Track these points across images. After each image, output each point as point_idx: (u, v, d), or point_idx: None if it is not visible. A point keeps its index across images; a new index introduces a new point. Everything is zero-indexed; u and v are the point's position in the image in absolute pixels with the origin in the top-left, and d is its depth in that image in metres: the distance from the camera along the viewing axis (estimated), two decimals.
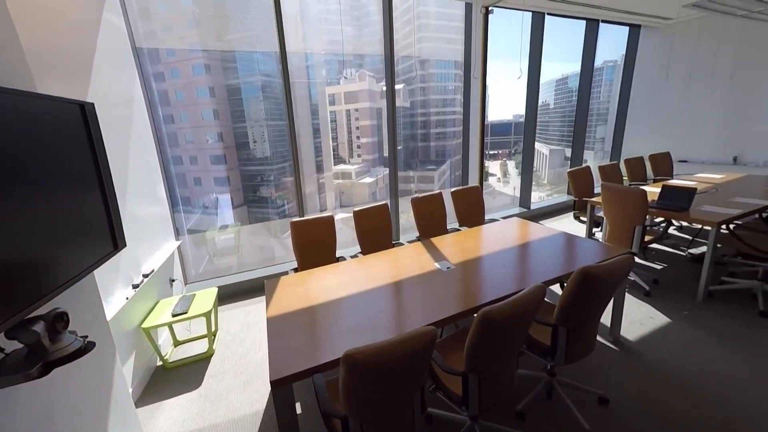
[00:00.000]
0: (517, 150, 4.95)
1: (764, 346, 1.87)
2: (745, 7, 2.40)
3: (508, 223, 2.57)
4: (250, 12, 6.42)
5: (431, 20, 6.58)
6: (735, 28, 3.91)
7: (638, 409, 1.54)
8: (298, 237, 2.17)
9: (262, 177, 5.19)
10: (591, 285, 1.26)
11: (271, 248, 4.12)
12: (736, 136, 4.25)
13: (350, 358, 0.89)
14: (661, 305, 2.33)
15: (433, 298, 1.55)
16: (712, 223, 2.21)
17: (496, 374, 1.21)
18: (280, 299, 1.64)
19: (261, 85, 5.73)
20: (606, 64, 5.70)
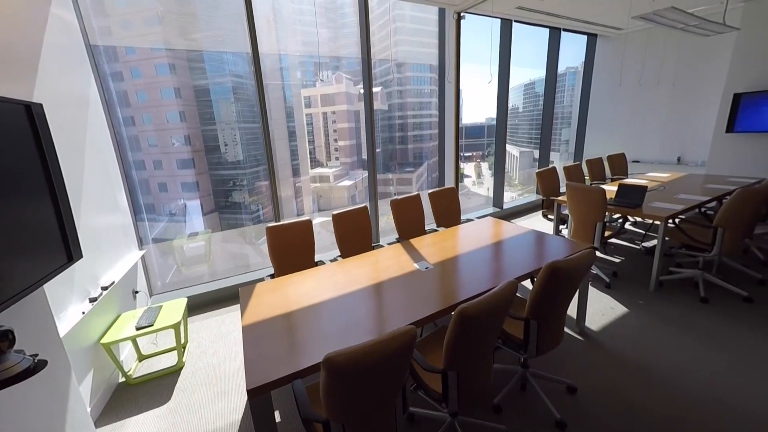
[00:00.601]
0: (490, 152, 5.17)
1: (703, 331, 2.08)
2: (683, 21, 2.71)
3: (482, 222, 2.68)
4: (218, 10, 6.22)
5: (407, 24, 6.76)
6: (675, 39, 4.36)
7: (602, 395, 1.66)
8: (274, 242, 2.12)
9: (234, 181, 5.01)
10: (558, 278, 1.35)
11: (245, 255, 3.98)
12: (679, 138, 4.72)
13: (331, 361, 0.89)
14: (620, 296, 2.53)
15: (413, 299, 1.58)
16: (660, 218, 2.44)
17: (474, 370, 1.26)
18: (256, 306, 1.60)
19: (232, 87, 5.54)
20: (568, 70, 6.13)
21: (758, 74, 3.61)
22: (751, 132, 3.72)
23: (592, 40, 5.37)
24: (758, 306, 2.27)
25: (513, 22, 4.24)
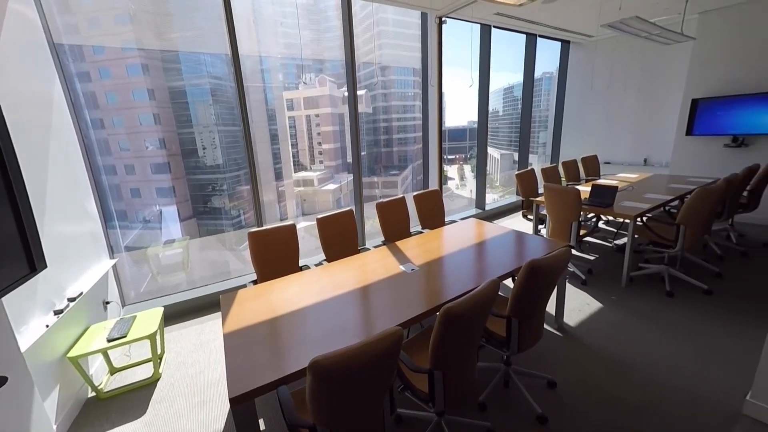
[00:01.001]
0: (473, 154, 5.31)
1: (669, 323, 2.22)
2: (646, 30, 2.93)
3: (465, 223, 2.74)
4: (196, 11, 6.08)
5: (390, 27, 6.85)
6: (640, 47, 4.65)
7: (580, 388, 1.73)
8: (256, 248, 2.08)
9: (213, 186, 4.86)
10: (537, 276, 1.40)
11: (225, 262, 3.87)
12: (645, 140, 5.04)
13: (317, 365, 0.89)
14: (595, 292, 2.65)
15: (399, 300, 1.60)
16: (630, 217, 2.59)
17: (459, 369, 1.28)
18: (239, 313, 1.56)
19: (210, 89, 5.40)
20: (544, 75, 6.41)
21: (713, 81, 3.93)
22: (707, 135, 4.05)
23: (566, 47, 5.64)
24: (716, 298, 2.46)
25: (492, 28, 4.39)
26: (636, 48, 4.71)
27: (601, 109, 5.41)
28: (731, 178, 2.69)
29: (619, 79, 5.08)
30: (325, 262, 2.22)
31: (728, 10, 3.70)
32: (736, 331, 2.07)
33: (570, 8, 3.55)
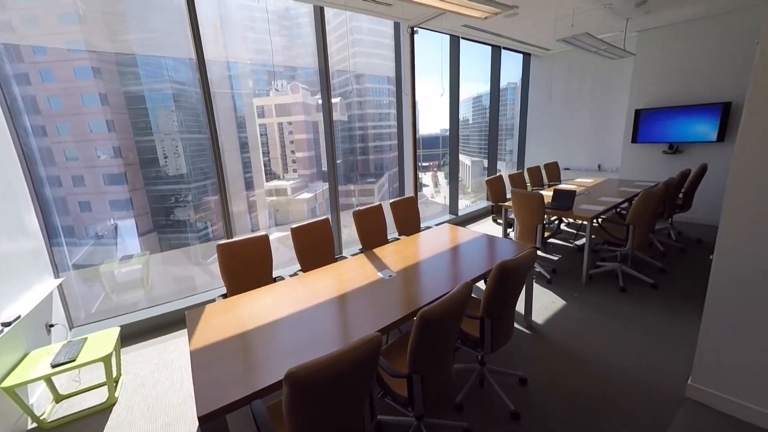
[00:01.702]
0: (446, 161, 5.52)
1: (624, 316, 2.45)
2: (595, 45, 3.30)
3: (440, 229, 2.85)
4: (154, 12, 5.83)
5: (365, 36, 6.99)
6: (592, 61, 5.14)
7: (548, 383, 1.86)
8: (226, 260, 2.02)
9: (177, 197, 4.58)
10: (507, 277, 1.50)
11: (190, 276, 3.66)
12: (598, 148, 5.57)
13: (294, 376, 0.88)
14: (559, 290, 2.87)
15: (378, 307, 1.63)
16: (587, 219, 2.85)
17: (437, 371, 1.33)
18: (207, 329, 1.51)
19: (173, 94, 5.15)
20: (509, 85, 6.86)
21: (651, 93, 4.46)
22: (649, 143, 4.57)
23: (527, 59, 6.08)
24: (662, 291, 2.75)
25: (461, 39, 4.63)
26: (588, 62, 5.21)
27: (560, 118, 5.89)
28: (669, 182, 3.07)
29: (574, 90, 5.58)
30: (301, 272, 2.20)
31: (662, 29, 4.23)
32: (679, 321, 2.33)
33: (529, 23, 3.88)
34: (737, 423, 1.53)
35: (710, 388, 1.63)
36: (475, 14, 2.25)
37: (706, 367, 1.64)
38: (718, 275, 1.54)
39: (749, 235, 1.43)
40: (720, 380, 1.61)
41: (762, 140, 1.36)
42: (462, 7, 2.11)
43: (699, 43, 4.00)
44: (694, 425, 1.54)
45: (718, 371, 1.61)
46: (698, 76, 4.06)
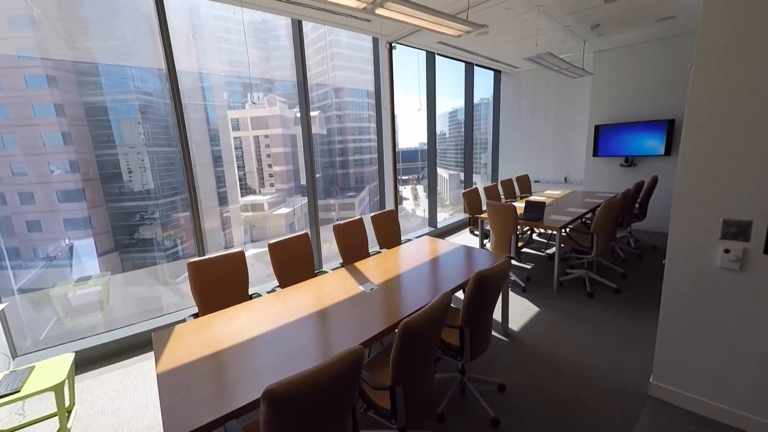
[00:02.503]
0: (424, 175, 5.72)
1: (592, 320, 2.64)
2: (557, 64, 3.66)
3: (420, 241, 2.94)
4: (120, 20, 5.69)
5: (343, 50, 7.18)
6: (556, 79, 5.58)
7: (526, 388, 1.95)
8: (198, 279, 1.97)
9: (142, 215, 4.34)
10: (484, 286, 1.59)
11: (156, 297, 3.46)
12: (564, 161, 6.03)
13: (272, 393, 0.88)
14: (533, 298, 3.04)
15: (360, 320, 1.65)
16: (556, 228, 3.08)
17: (419, 381, 1.38)
18: (176, 350, 1.46)
19: (139, 105, 4.98)
20: (483, 101, 7.28)
21: (608, 110, 4.92)
22: (608, 156, 5.04)
23: (498, 76, 6.49)
24: (624, 295, 2.99)
25: (436, 55, 4.89)
26: (552, 80, 5.67)
27: (529, 132, 6.33)
28: (626, 193, 3.40)
29: (541, 106, 6.04)
30: (279, 288, 2.18)
31: (615, 51, 4.74)
32: (640, 323, 2.54)
33: (498, 41, 4.20)
34: (696, 418, 1.67)
35: (670, 385, 1.78)
36: (449, 32, 2.44)
37: (665, 365, 1.79)
38: (670, 278, 1.71)
39: (694, 241, 1.61)
40: (678, 378, 1.75)
41: (698, 154, 1.55)
42: (437, 25, 2.29)
43: (647, 64, 4.52)
44: (658, 422, 1.68)
45: (675, 369, 1.76)
46: (647, 95, 4.56)
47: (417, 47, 4.42)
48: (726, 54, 1.44)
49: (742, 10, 1.38)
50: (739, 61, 1.41)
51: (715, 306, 1.60)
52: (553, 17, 3.36)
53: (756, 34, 1.37)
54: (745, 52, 1.40)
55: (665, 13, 3.40)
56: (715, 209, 1.53)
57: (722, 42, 1.44)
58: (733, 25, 1.41)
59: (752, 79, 1.39)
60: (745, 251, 1.48)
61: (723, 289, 1.57)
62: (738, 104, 1.43)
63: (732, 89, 1.44)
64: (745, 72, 1.40)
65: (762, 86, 1.37)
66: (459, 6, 2.77)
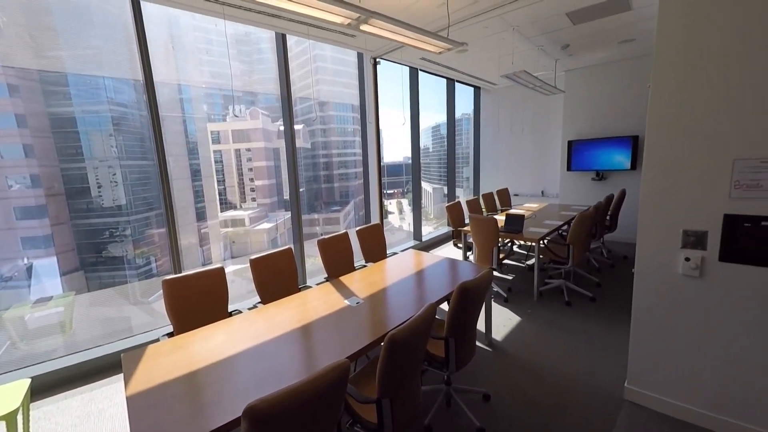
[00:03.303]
0: (409, 189, 5.85)
1: (570, 328, 2.76)
2: (532, 82, 3.95)
3: (405, 255, 3.00)
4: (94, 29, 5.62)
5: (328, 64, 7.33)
6: (531, 96, 5.88)
7: (510, 397, 2.01)
8: (173, 297, 1.93)
9: (112, 231, 4.14)
10: (467, 297, 1.65)
11: (125, 318, 3.29)
12: (541, 175, 6.35)
13: (253, 410, 0.88)
14: (515, 308, 3.15)
15: (344, 334, 1.67)
16: (535, 240, 3.24)
17: (405, 394, 1.40)
18: (148, 371, 1.42)
19: (112, 117, 4.85)
20: (464, 116, 7.59)
21: (579, 126, 5.29)
22: (580, 170, 5.39)
23: (477, 92, 6.80)
24: (599, 303, 3.16)
25: (419, 71, 5.10)
26: (528, 96, 5.97)
27: (507, 147, 6.64)
28: (597, 206, 3.65)
29: (518, 122, 6.36)
30: (261, 304, 2.16)
31: (584, 70, 5.13)
32: (615, 329, 2.68)
33: (477, 59, 4.47)
34: (669, 420, 1.77)
35: (644, 389, 1.88)
36: (430, 49, 2.61)
37: (638, 370, 1.89)
38: (639, 287, 1.83)
39: (658, 250, 1.75)
40: (651, 382, 1.86)
41: (658, 168, 1.70)
42: (419, 42, 2.45)
43: (612, 83, 4.92)
44: (633, 425, 1.76)
45: (648, 374, 1.86)
46: (613, 112, 4.95)
47: (401, 63, 4.60)
48: (680, 75, 1.61)
49: (693, 34, 1.55)
50: (692, 81, 1.58)
51: (680, 312, 1.72)
52: (526, 37, 3.63)
53: (706, 56, 1.54)
54: (697, 74, 1.57)
55: (626, 36, 3.77)
56: (676, 220, 1.67)
57: (676, 63, 1.61)
58: (685, 47, 1.58)
59: (704, 99, 1.56)
60: (703, 259, 1.62)
61: (686, 296, 1.70)
62: (692, 122, 1.59)
63: (686, 108, 1.60)
64: (697, 92, 1.57)
65: (713, 106, 1.54)
66: (440, 24, 2.97)
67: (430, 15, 2.94)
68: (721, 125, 1.53)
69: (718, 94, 1.53)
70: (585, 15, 3.08)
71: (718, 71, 1.52)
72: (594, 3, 2.83)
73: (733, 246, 1.55)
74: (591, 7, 2.90)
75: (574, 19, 3.18)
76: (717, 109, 1.53)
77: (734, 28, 1.46)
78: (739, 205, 1.52)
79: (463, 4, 2.75)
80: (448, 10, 2.74)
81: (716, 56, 1.52)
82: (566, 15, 3.08)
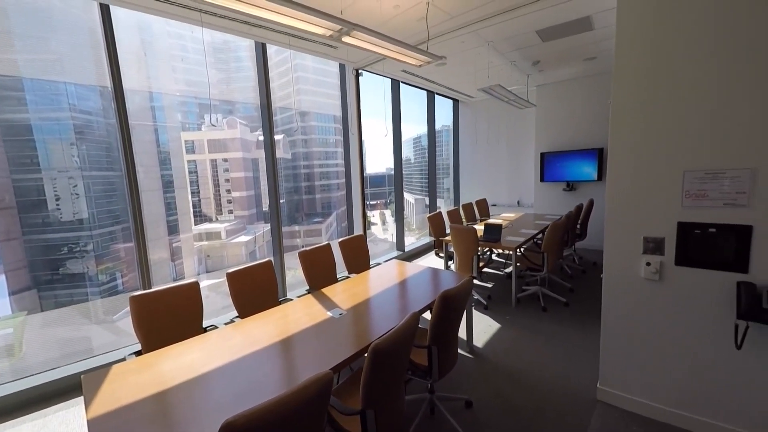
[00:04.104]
0: (392, 200, 5.93)
1: (546, 333, 2.88)
2: (506, 95, 4.19)
3: (388, 265, 3.03)
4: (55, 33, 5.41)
5: (310, 74, 7.35)
6: (506, 109, 6.17)
7: (492, 403, 2.06)
8: (141, 314, 1.85)
9: (71, 247, 3.85)
10: (449, 305, 1.70)
11: (85, 338, 3.05)
12: (517, 186, 6.64)
13: (232, 426, 0.86)
14: (495, 315, 3.26)
15: (327, 346, 1.66)
16: (512, 249, 3.38)
17: (389, 404, 1.41)
18: (113, 392, 1.35)
19: (74, 125, 4.61)
20: (444, 128, 7.84)
21: (551, 139, 5.61)
22: (552, 181, 5.72)
23: (456, 104, 7.04)
24: (572, 308, 3.33)
25: (400, 83, 5.26)
26: (503, 109, 6.27)
27: (485, 159, 6.91)
28: (569, 215, 3.89)
29: (495, 134, 6.65)
30: (238, 319, 2.10)
31: (554, 85, 5.48)
32: (587, 333, 2.82)
33: (455, 72, 4.67)
34: (638, 418, 1.87)
35: (614, 389, 1.98)
36: (411, 61, 2.73)
37: (609, 370, 2.00)
38: (607, 290, 1.95)
39: (623, 255, 1.87)
40: (620, 382, 1.97)
41: (620, 179, 1.85)
42: (400, 55, 2.57)
43: (579, 98, 5.30)
44: (606, 425, 1.86)
45: (618, 374, 1.97)
46: (581, 125, 5.32)
47: (383, 75, 4.72)
48: (636, 92, 1.76)
49: (646, 55, 1.72)
50: (647, 98, 1.74)
51: (644, 314, 1.86)
52: (501, 52, 3.87)
53: (658, 75, 1.70)
54: (650, 91, 1.73)
55: (589, 54, 4.11)
56: (638, 228, 1.81)
57: (632, 81, 1.77)
58: (640, 66, 1.74)
59: (657, 114, 1.72)
60: (661, 264, 1.76)
61: (648, 298, 1.83)
62: (647, 135, 1.75)
63: (642, 122, 1.76)
64: (651, 108, 1.73)
65: (664, 121, 1.71)
66: (420, 38, 3.11)
67: (411, 29, 3.08)
68: (672, 139, 1.70)
69: (669, 110, 1.69)
70: (552, 33, 3.34)
71: (668, 90, 1.69)
72: (560, 22, 3.08)
73: (686, 251, 1.71)
74: (557, 26, 3.16)
75: (543, 37, 3.44)
76: (668, 123, 1.70)
77: (683, 51, 1.64)
78: (690, 214, 1.68)
79: (441, 19, 2.91)
80: (428, 24, 2.88)
81: (666, 76, 1.69)
82: (536, 32, 3.32)
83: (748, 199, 1.55)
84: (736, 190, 1.57)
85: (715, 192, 1.62)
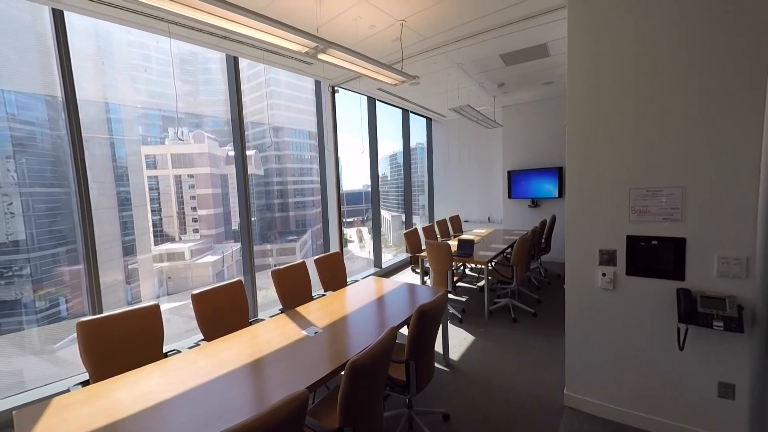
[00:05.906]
0: (369, 217, 5.97)
1: (517, 343, 3.01)
2: (475, 115, 4.50)
3: (365, 282, 3.05)
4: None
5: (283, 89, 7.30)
6: (476, 129, 6.50)
7: (468, 415, 2.10)
8: (90, 340, 1.71)
9: (2, 272, 3.41)
10: (425, 319, 1.76)
11: (16, 371, 2.68)
12: (487, 203, 6.99)
13: None
14: (469, 328, 3.37)
15: (302, 365, 1.63)
16: (484, 263, 3.55)
17: (368, 421, 1.40)
18: (53, 427, 1.23)
19: (12, 136, 4.21)
20: (418, 145, 8.10)
21: (516, 158, 6.02)
22: (519, 198, 6.11)
23: (429, 123, 7.36)
24: (540, 318, 3.52)
25: (376, 101, 5.41)
26: (473, 129, 6.62)
27: (457, 176, 7.23)
28: (534, 230, 4.17)
29: (465, 152, 7.00)
30: (204, 342, 2.00)
31: (518, 106, 5.91)
32: (554, 342, 2.98)
33: (428, 92, 4.93)
34: (601, 421, 2.00)
35: (579, 394, 2.11)
36: (386, 80, 2.87)
37: (574, 376, 2.13)
38: (569, 300, 2.10)
39: (582, 267, 2.04)
40: (584, 387, 2.09)
41: (576, 196, 2.03)
42: (375, 73, 2.69)
43: (540, 119, 5.75)
44: (572, 429, 1.96)
45: (581, 379, 2.10)
46: (542, 145, 5.76)
47: (359, 92, 4.86)
48: (586, 114, 1.96)
49: (594, 82, 1.93)
50: (596, 120, 1.94)
51: (602, 321, 2.02)
52: (469, 74, 4.17)
53: (604, 100, 1.91)
54: (599, 114, 1.93)
55: (547, 78, 4.54)
56: (593, 241, 1.99)
57: (582, 105, 1.97)
58: (588, 92, 1.94)
59: (606, 136, 1.92)
60: (614, 274, 1.94)
61: (604, 306, 2.00)
62: (599, 155, 1.94)
63: (594, 143, 1.95)
64: (601, 129, 1.93)
65: (612, 142, 1.91)
66: (394, 57, 3.29)
67: (385, 48, 3.26)
68: (618, 159, 1.91)
69: (614, 132, 1.91)
70: (515, 58, 3.69)
71: (613, 114, 1.91)
72: (520, 48, 3.42)
73: (634, 262, 1.91)
74: (518, 51, 3.50)
75: (507, 61, 3.79)
76: (615, 145, 1.91)
77: (625, 78, 1.88)
78: (636, 228, 1.89)
79: (414, 40, 3.11)
80: (401, 44, 3.07)
81: (609, 101, 1.92)
82: (500, 56, 3.65)
83: (681, 214, 1.78)
84: (672, 206, 1.80)
85: (655, 207, 1.84)
